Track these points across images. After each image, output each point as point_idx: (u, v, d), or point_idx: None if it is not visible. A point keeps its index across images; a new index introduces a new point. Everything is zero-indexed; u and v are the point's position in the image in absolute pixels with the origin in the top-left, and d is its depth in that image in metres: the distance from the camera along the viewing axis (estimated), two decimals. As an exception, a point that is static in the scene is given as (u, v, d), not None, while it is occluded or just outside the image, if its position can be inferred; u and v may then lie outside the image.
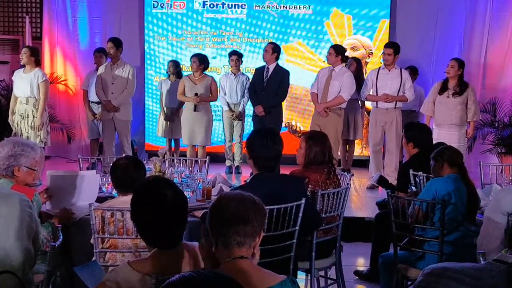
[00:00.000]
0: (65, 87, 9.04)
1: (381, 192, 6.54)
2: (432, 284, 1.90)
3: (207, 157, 5.49)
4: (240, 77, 7.71)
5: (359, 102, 7.69)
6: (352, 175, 4.62)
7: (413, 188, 4.21)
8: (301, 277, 3.87)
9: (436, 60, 8.65)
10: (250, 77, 7.63)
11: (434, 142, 4.67)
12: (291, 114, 8.83)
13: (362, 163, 8.30)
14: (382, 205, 4.62)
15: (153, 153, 6.92)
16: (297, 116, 8.87)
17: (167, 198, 2.16)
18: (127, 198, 2.49)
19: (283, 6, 8.76)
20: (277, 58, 7.17)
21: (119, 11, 9.01)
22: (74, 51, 9.05)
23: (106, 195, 3.87)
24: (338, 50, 6.96)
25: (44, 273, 2.92)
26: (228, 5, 8.81)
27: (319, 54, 8.70)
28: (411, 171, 4.35)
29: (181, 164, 4.86)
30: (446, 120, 6.67)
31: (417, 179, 4.27)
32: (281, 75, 7.15)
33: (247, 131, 7.77)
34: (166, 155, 5.24)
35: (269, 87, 7.09)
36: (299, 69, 8.70)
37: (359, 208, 6.22)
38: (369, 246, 4.67)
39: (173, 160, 5.20)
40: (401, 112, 7.11)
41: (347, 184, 4.00)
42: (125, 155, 5.20)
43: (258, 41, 8.77)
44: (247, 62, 8.36)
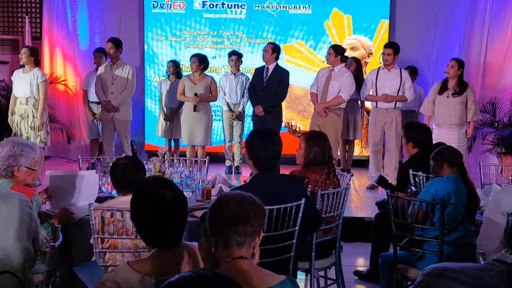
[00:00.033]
0: (64, 87, 9.05)
1: (380, 192, 6.54)
2: (432, 284, 1.90)
3: (206, 157, 5.48)
4: (240, 77, 7.71)
5: (359, 102, 7.69)
6: (352, 175, 4.62)
7: (413, 188, 4.21)
8: (301, 277, 3.86)
9: (436, 60, 8.64)
10: (250, 77, 7.63)
11: (434, 142, 4.67)
12: (291, 114, 8.83)
13: (361, 163, 8.30)
14: (381, 205, 4.62)
15: (152, 153, 6.90)
16: (297, 116, 8.87)
17: (167, 198, 2.16)
18: (127, 198, 2.49)
19: (283, 6, 8.76)
20: (276, 58, 7.17)
21: (119, 11, 9.01)
22: (74, 51, 9.06)
23: (105, 195, 3.87)
24: (337, 50, 6.95)
25: (44, 273, 2.91)
26: (228, 5, 8.81)
27: (319, 54, 8.70)
28: (410, 171, 4.35)
29: (181, 164, 4.86)
30: (446, 120, 6.67)
31: (416, 179, 4.27)
32: (281, 75, 7.14)
33: (247, 131, 7.76)
34: (165, 155, 5.22)
35: (269, 87, 7.09)
36: (299, 69, 8.70)
37: (359, 208, 6.22)
38: (368, 246, 4.68)
39: (172, 160, 5.19)
40: (401, 112, 7.12)
41: (347, 184, 3.99)
42: (124, 155, 5.17)
43: (258, 41, 8.77)
44: (246, 62, 8.35)
